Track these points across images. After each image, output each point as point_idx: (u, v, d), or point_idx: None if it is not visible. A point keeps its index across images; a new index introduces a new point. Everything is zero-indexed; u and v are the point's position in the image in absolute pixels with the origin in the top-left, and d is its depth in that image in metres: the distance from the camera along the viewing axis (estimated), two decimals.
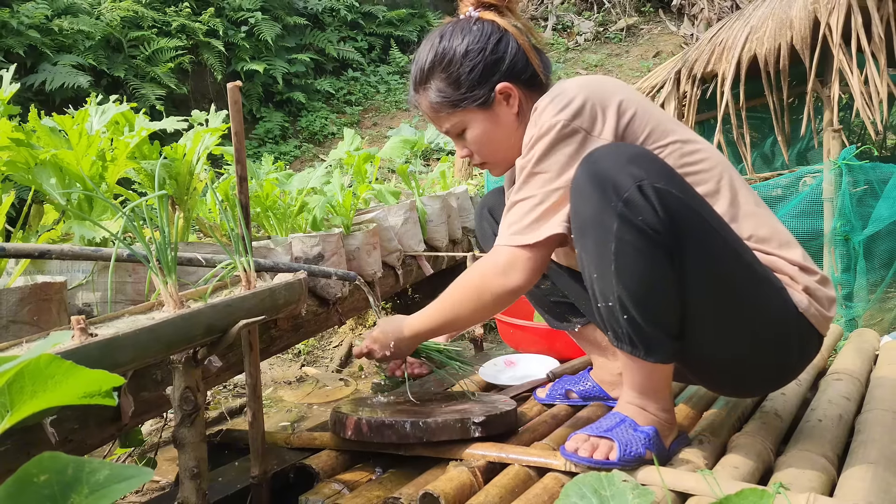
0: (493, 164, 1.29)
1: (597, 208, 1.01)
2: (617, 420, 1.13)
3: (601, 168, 1.02)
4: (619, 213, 0.99)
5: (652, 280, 1.02)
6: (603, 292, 1.06)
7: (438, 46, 1.21)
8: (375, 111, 7.93)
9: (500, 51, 1.19)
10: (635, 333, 1.06)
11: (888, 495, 0.98)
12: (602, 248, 1.02)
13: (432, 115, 1.26)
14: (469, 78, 1.19)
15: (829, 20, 3.30)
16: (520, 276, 1.13)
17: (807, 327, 1.09)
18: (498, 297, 1.16)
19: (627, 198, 0.99)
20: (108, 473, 0.52)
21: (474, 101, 1.20)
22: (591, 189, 1.02)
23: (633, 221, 0.99)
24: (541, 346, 1.94)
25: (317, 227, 2.05)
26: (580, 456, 1.08)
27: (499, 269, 1.14)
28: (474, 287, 1.18)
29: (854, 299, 2.31)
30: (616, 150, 1.04)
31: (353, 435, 1.26)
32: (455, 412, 1.29)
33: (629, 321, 1.05)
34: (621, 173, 1.00)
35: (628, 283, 1.02)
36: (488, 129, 1.22)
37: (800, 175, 2.59)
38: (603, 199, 1.00)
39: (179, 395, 0.99)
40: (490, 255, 1.18)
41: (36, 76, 5.21)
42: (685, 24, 8.56)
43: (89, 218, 1.37)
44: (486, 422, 1.23)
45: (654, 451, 1.09)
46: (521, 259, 1.12)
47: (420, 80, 1.24)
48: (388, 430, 1.22)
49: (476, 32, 1.19)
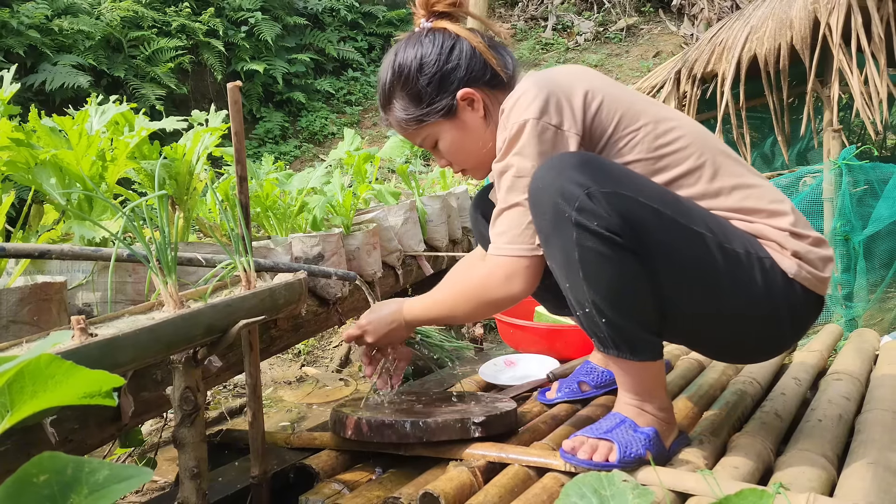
0: (473, 169, 1.30)
1: (553, 220, 1.03)
2: (616, 421, 1.13)
3: (548, 182, 1.03)
4: (574, 222, 1.00)
5: (621, 281, 1.02)
6: (578, 300, 1.07)
7: (394, 65, 1.22)
8: (375, 111, 7.93)
9: (454, 59, 1.19)
10: (617, 336, 1.06)
11: (888, 495, 0.98)
12: (567, 258, 1.03)
13: (402, 133, 1.27)
14: (428, 91, 1.19)
15: (829, 20, 3.30)
16: (521, 283, 1.14)
17: (798, 292, 1.08)
18: (500, 305, 1.18)
19: (579, 206, 1.00)
20: (108, 473, 0.52)
21: (438, 113, 1.20)
22: (543, 203, 1.03)
23: (589, 227, 1.00)
24: (541, 346, 1.94)
25: (317, 227, 2.05)
26: (579, 458, 1.08)
27: (500, 279, 1.14)
28: (475, 292, 1.19)
29: (854, 299, 2.31)
30: (559, 164, 1.05)
31: (353, 434, 1.26)
32: (455, 412, 1.29)
33: (608, 324, 1.05)
34: (568, 183, 1.01)
35: (598, 287, 1.03)
36: (458, 137, 1.23)
37: (800, 175, 2.59)
38: (556, 210, 1.02)
39: (179, 395, 0.99)
40: (487, 264, 1.17)
41: (36, 76, 5.21)
42: (685, 24, 8.55)
43: (89, 218, 1.37)
44: (486, 422, 1.23)
45: (653, 451, 1.09)
46: (520, 268, 1.13)
47: (384, 101, 1.26)
48: (387, 429, 1.22)
49: (428, 45, 1.20)
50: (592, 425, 1.16)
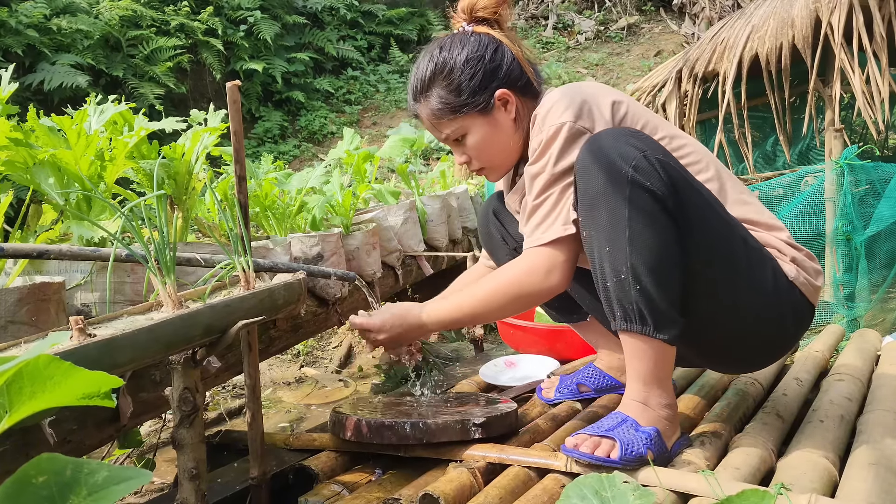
0: (491, 169, 1.33)
1: (607, 179, 1.06)
2: (619, 420, 1.13)
3: (605, 144, 1.08)
4: (630, 179, 1.04)
5: (662, 248, 1.06)
6: (614, 266, 1.08)
7: (438, 57, 1.26)
8: (375, 110, 7.93)
9: (498, 59, 1.25)
10: (646, 306, 1.07)
11: (889, 496, 0.97)
12: (615, 217, 1.06)
13: (433, 122, 1.29)
14: (470, 85, 1.24)
15: (831, 19, 3.30)
16: (559, 275, 1.17)
17: (798, 296, 1.16)
18: (537, 299, 1.21)
19: (636, 164, 1.04)
20: (107, 475, 0.52)
21: (475, 107, 1.25)
22: (598, 164, 1.07)
23: (644, 185, 1.04)
24: (541, 347, 1.93)
25: (316, 227, 2.05)
26: (581, 452, 1.08)
27: (539, 272, 1.16)
28: (511, 289, 1.20)
29: (856, 299, 2.31)
30: (615, 131, 1.12)
31: (353, 436, 1.26)
32: (455, 413, 1.29)
33: (641, 293, 1.06)
34: (626, 146, 1.06)
35: (641, 250, 1.05)
36: (488, 133, 1.27)
37: (801, 175, 2.59)
38: (612, 169, 1.05)
39: (178, 396, 0.99)
40: (524, 258, 1.19)
41: (34, 76, 5.20)
42: (686, 23, 8.56)
43: (88, 218, 1.37)
44: (486, 423, 1.22)
45: (654, 451, 1.09)
46: (558, 259, 1.16)
47: (421, 90, 1.29)
48: (387, 431, 1.22)
49: (474, 43, 1.25)
50: (594, 423, 1.16)
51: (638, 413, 1.13)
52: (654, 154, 1.06)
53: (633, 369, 1.14)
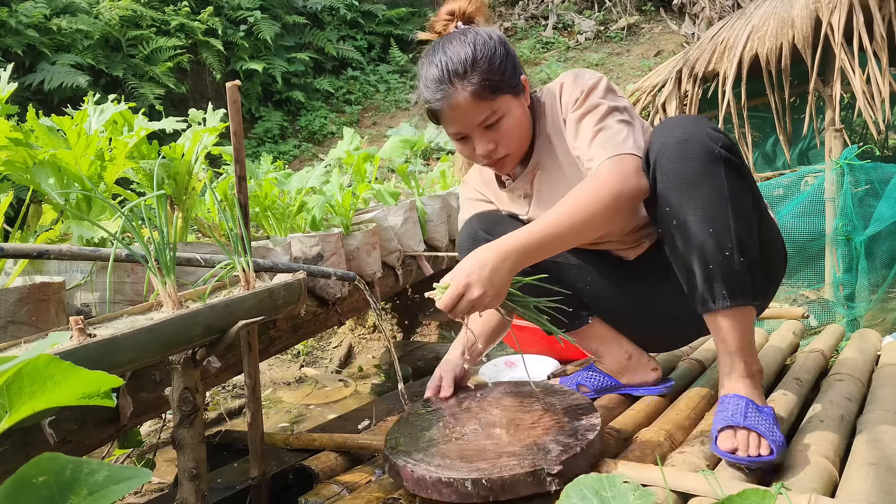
0: (513, 156, 1.34)
1: (702, 160, 1.13)
2: (742, 405, 1.14)
3: (692, 130, 1.15)
4: (724, 158, 1.13)
5: (751, 215, 1.17)
6: (719, 244, 1.13)
7: (476, 41, 1.28)
8: (375, 110, 7.93)
9: (512, 50, 1.32)
10: (749, 276, 1.14)
11: (889, 496, 0.97)
12: (715, 196, 1.13)
13: (471, 105, 1.25)
14: (507, 67, 1.28)
15: (831, 19, 3.30)
16: (643, 179, 1.19)
17: (786, 260, 1.37)
18: (633, 199, 1.17)
19: (724, 144, 1.14)
20: (107, 474, 0.52)
21: (512, 89, 1.29)
22: (692, 148, 1.14)
23: (734, 161, 1.14)
24: (541, 347, 1.93)
25: (316, 227, 2.05)
26: (740, 457, 1.08)
27: (632, 171, 1.17)
28: (613, 188, 1.14)
29: (856, 299, 2.31)
30: (689, 117, 1.21)
31: (412, 487, 1.06)
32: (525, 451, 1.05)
33: (745, 264, 1.14)
34: (710, 129, 1.16)
35: (743, 218, 1.14)
36: (519, 116, 1.31)
37: (801, 175, 2.59)
38: (704, 150, 1.13)
39: (178, 396, 0.99)
40: (606, 166, 1.18)
41: (34, 75, 5.20)
42: (686, 23, 8.55)
43: (88, 218, 1.37)
44: (563, 472, 0.99)
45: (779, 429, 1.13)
46: (640, 164, 1.20)
47: (460, 73, 1.25)
48: (445, 488, 1.00)
49: (491, 33, 1.30)
50: (723, 414, 1.15)
51: (749, 390, 1.17)
52: (726, 135, 1.17)
53: (731, 345, 1.18)
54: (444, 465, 1.04)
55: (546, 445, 1.04)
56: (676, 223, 1.16)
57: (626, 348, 1.48)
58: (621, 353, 1.49)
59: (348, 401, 2.31)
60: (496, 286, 1.07)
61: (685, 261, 1.18)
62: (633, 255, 1.42)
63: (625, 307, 1.43)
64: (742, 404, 1.15)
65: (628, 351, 1.48)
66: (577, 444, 1.05)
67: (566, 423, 1.12)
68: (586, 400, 1.24)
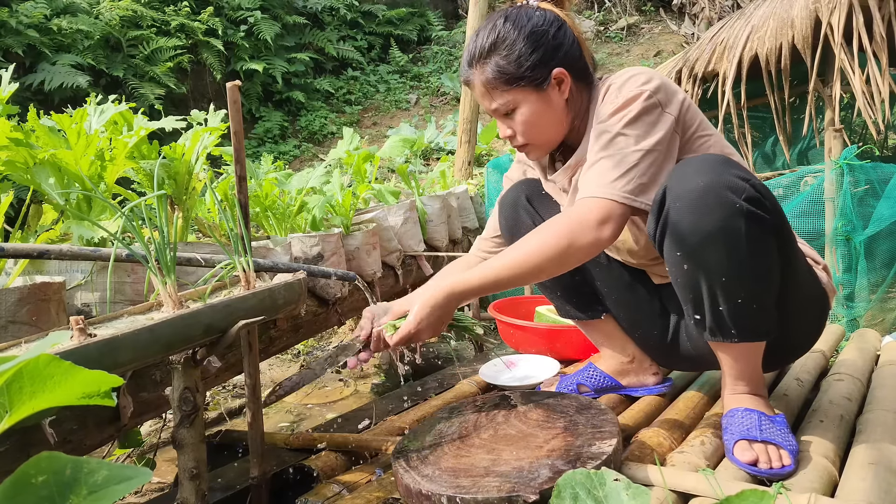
0: (535, 147, 1.31)
1: (721, 215, 1.05)
2: (755, 417, 1.15)
3: (710, 180, 1.05)
4: (745, 213, 1.04)
5: (773, 268, 1.10)
6: (730, 293, 1.09)
7: (503, 27, 1.24)
8: (375, 110, 7.93)
9: (560, 38, 1.24)
10: (762, 320, 1.11)
11: (889, 496, 0.97)
12: (732, 253, 1.06)
13: (484, 91, 1.26)
14: (530, 59, 1.22)
15: (831, 19, 3.30)
16: (612, 230, 1.12)
17: (826, 301, 1.25)
18: (587, 251, 1.13)
19: (747, 196, 1.04)
20: (107, 474, 0.52)
21: (531, 82, 1.23)
22: (710, 200, 1.05)
23: (757, 215, 1.05)
24: (541, 347, 1.93)
25: (316, 227, 2.05)
26: (762, 469, 1.08)
27: (592, 221, 1.12)
28: (564, 238, 1.12)
29: (855, 299, 2.31)
30: (709, 163, 1.08)
31: (402, 493, 1.08)
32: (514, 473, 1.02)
33: (759, 309, 1.10)
34: (732, 178, 1.05)
35: (760, 276, 1.08)
36: (539, 110, 1.25)
37: (801, 175, 2.59)
38: (724, 206, 1.04)
39: (178, 396, 0.99)
40: (577, 208, 1.15)
41: (35, 76, 5.20)
42: (686, 24, 8.55)
43: (88, 218, 1.37)
44: (539, 502, 0.95)
45: (792, 436, 1.13)
46: (615, 213, 1.12)
47: (479, 56, 1.25)
48: (426, 501, 1.01)
49: (539, 17, 1.24)
50: (738, 427, 1.15)
51: (759, 403, 1.17)
52: (753, 180, 1.06)
53: (739, 370, 1.18)
54: (429, 477, 1.04)
55: (538, 469, 1.02)
56: (687, 268, 1.10)
57: (630, 351, 1.48)
58: (624, 355, 1.49)
59: (348, 401, 2.31)
60: (438, 327, 1.20)
61: (693, 300, 1.14)
62: (657, 281, 1.39)
63: (638, 322, 1.42)
64: (755, 417, 1.14)
65: (631, 354, 1.48)
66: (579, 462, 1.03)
67: (574, 447, 1.08)
68: (612, 423, 1.16)
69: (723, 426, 1.19)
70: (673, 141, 1.17)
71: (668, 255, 1.12)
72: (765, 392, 1.21)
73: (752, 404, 1.18)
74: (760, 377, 1.20)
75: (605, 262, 1.41)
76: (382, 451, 1.32)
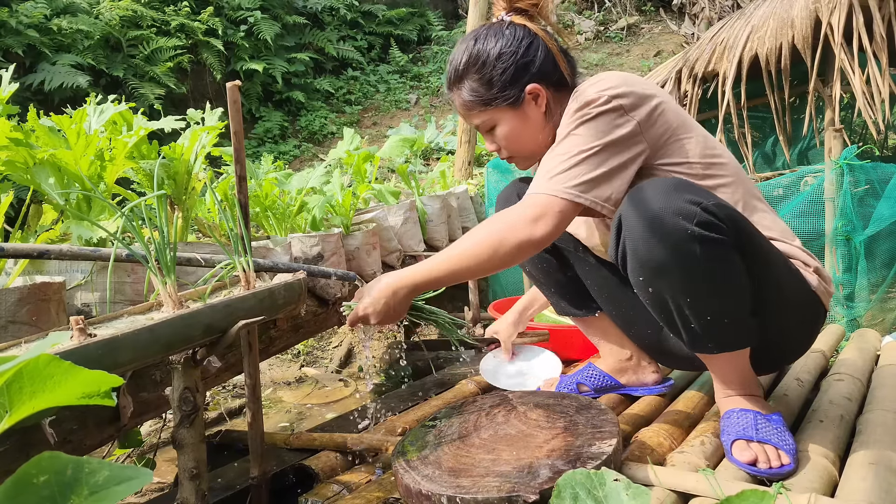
0: (520, 159, 1.33)
1: (673, 242, 1.04)
2: (750, 417, 1.15)
3: (661, 206, 1.05)
4: (698, 237, 1.03)
5: (738, 285, 1.08)
6: (697, 312, 1.09)
7: (473, 49, 1.26)
8: (375, 110, 7.93)
9: (531, 54, 1.24)
10: (734, 331, 1.11)
11: (889, 495, 0.97)
12: (691, 276, 1.05)
13: (464, 112, 1.30)
14: (501, 79, 1.23)
15: (831, 19, 3.30)
16: (547, 227, 1.12)
17: (818, 304, 1.22)
18: (519, 248, 1.12)
19: (699, 220, 1.03)
20: (108, 474, 0.52)
21: (505, 101, 1.25)
22: (659, 231, 1.05)
23: (711, 238, 1.03)
24: (544, 344, 1.93)
25: (316, 227, 2.05)
26: (761, 469, 1.08)
27: (528, 217, 1.12)
28: (496, 234, 1.13)
29: (855, 299, 2.31)
30: (658, 189, 1.07)
31: (402, 493, 1.08)
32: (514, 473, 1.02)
33: (732, 323, 1.10)
34: (682, 203, 1.04)
35: (723, 294, 1.07)
36: (517, 126, 1.27)
37: (801, 175, 2.58)
38: (675, 232, 1.03)
39: (178, 396, 0.99)
40: (516, 205, 1.16)
41: (35, 76, 5.20)
42: (686, 24, 8.55)
43: (88, 218, 1.37)
44: (539, 502, 0.96)
45: (789, 433, 1.14)
46: (553, 209, 1.12)
47: (454, 80, 1.29)
48: (426, 501, 1.01)
49: (508, 36, 1.24)
50: (733, 427, 1.16)
51: (753, 403, 1.18)
52: (708, 201, 1.04)
53: (728, 378, 1.20)
54: (429, 477, 1.04)
55: (538, 469, 1.02)
56: (652, 291, 1.10)
57: (628, 348, 1.49)
58: (622, 352, 1.49)
59: (348, 401, 2.31)
60: (390, 315, 1.18)
61: (666, 319, 1.14)
62: None
63: (631, 320, 1.42)
64: (751, 417, 1.15)
65: (630, 351, 1.49)
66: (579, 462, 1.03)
67: (574, 447, 1.09)
68: (612, 423, 1.17)
69: (721, 427, 1.19)
70: (634, 144, 1.15)
71: (633, 279, 1.12)
72: (758, 391, 1.22)
73: (746, 404, 1.19)
74: (751, 378, 1.21)
75: (594, 262, 1.43)
76: (382, 451, 1.32)
